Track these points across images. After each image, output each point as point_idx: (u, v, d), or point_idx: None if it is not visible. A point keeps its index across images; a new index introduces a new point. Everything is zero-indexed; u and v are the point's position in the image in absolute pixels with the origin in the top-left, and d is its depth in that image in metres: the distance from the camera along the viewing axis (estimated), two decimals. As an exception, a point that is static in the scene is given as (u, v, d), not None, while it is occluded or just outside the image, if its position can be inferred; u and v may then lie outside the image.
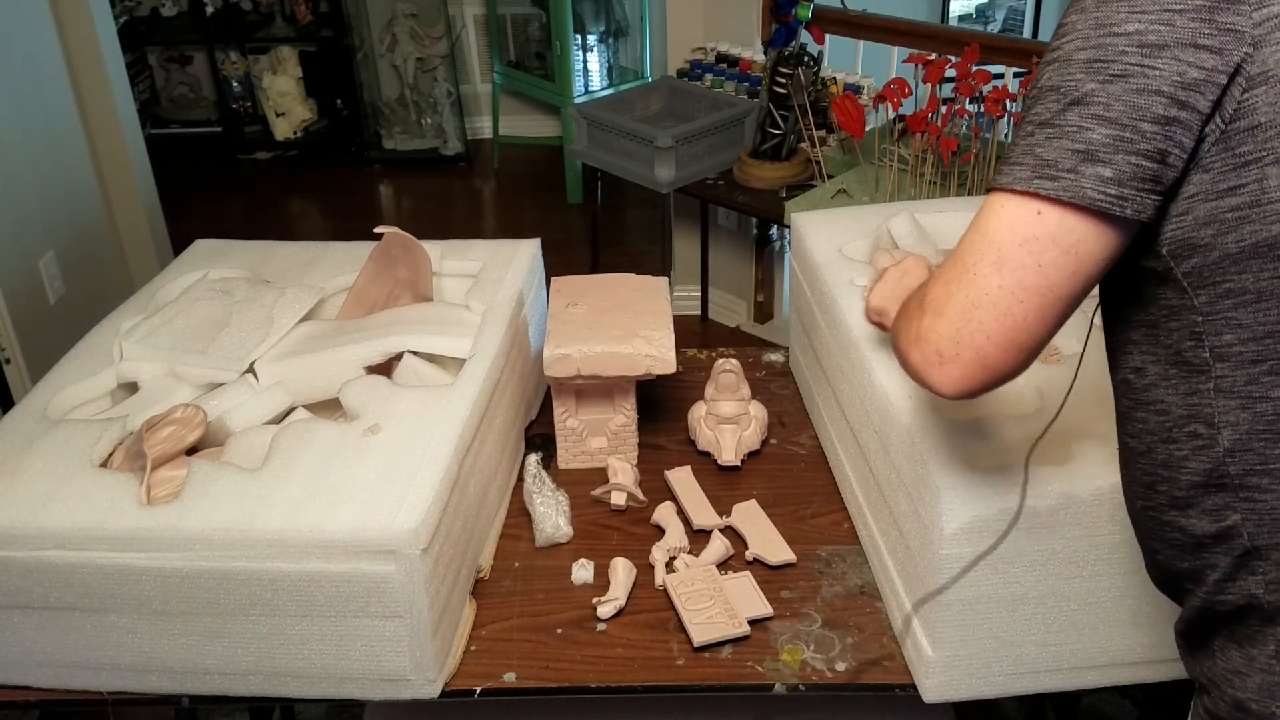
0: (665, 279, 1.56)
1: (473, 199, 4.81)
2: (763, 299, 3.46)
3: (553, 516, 1.34)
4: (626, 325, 1.42)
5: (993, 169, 2.22)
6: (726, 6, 3.14)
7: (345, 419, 1.22)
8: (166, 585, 1.08)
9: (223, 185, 4.90)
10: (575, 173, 4.45)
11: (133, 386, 1.34)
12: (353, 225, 2.31)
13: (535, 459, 1.43)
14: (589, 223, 3.79)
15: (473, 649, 1.19)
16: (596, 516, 1.39)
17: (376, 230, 1.44)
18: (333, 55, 4.92)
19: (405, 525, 1.04)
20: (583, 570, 1.28)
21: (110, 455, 1.20)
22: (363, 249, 1.54)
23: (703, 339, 3.49)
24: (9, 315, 2.57)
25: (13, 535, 1.07)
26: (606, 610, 1.22)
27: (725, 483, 1.45)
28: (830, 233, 1.54)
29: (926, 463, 1.06)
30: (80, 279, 2.92)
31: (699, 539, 1.33)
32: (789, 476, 1.46)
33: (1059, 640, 1.10)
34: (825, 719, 1.42)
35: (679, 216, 3.45)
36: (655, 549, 1.30)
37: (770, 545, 1.31)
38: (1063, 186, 0.71)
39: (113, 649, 1.12)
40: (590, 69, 4.50)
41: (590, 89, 4.47)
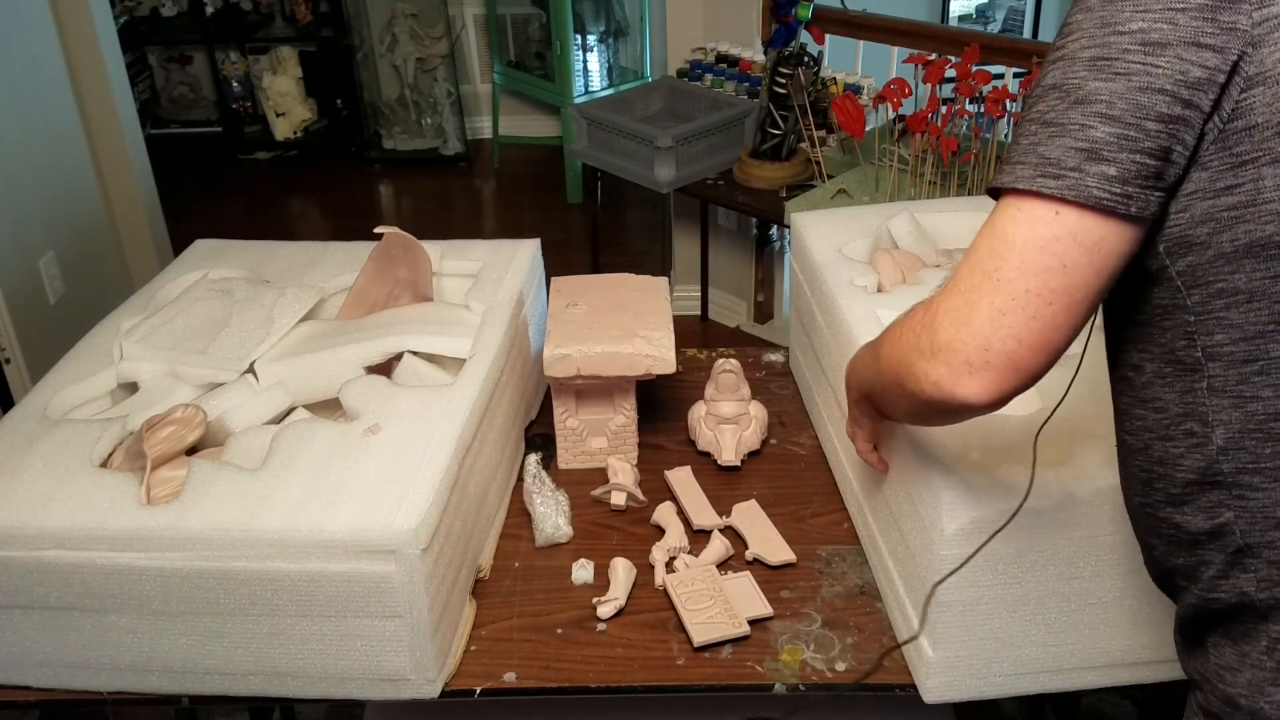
0: (665, 279, 1.56)
1: (473, 199, 4.81)
2: (763, 299, 3.46)
3: (553, 516, 1.34)
4: (626, 325, 1.42)
5: (993, 169, 2.22)
6: (726, 6, 3.14)
7: (345, 419, 1.22)
8: (166, 585, 1.08)
9: (223, 185, 4.91)
10: (575, 173, 4.45)
11: (133, 386, 1.34)
12: (353, 225, 2.32)
13: (535, 459, 1.43)
14: (589, 223, 3.79)
15: (473, 649, 1.19)
16: (596, 516, 1.39)
17: (376, 230, 1.44)
18: (333, 55, 4.92)
19: (405, 525, 1.04)
20: (583, 570, 1.28)
21: (110, 455, 1.20)
22: (363, 249, 1.54)
23: (703, 339, 3.49)
24: (9, 315, 2.57)
25: (13, 535, 1.07)
26: (606, 610, 1.22)
27: (725, 483, 1.45)
28: (830, 233, 1.54)
29: (926, 462, 1.06)
30: (80, 279, 2.93)
31: (699, 539, 1.33)
32: (789, 476, 1.46)
33: (1059, 640, 1.09)
34: (825, 719, 1.41)
35: (679, 216, 3.45)
36: (655, 549, 1.30)
37: (770, 545, 1.31)
38: (1067, 185, 0.71)
39: (113, 649, 1.12)
40: (590, 69, 4.50)
41: (590, 89, 4.47)
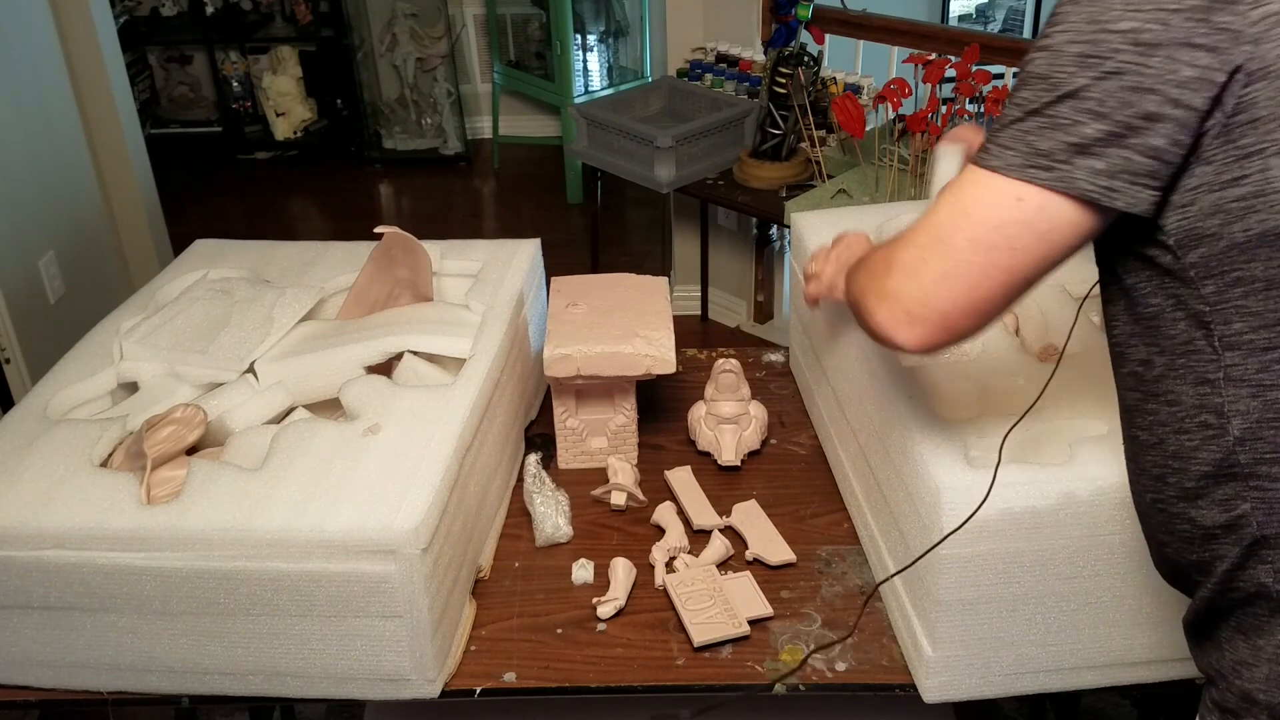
0: (665, 279, 1.56)
1: (473, 199, 4.81)
2: (763, 299, 3.46)
3: (553, 516, 1.34)
4: (626, 325, 1.42)
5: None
6: (726, 6, 3.14)
7: (345, 419, 1.22)
8: (166, 585, 1.08)
9: (223, 185, 4.91)
10: (575, 173, 4.45)
11: (133, 386, 1.34)
12: (353, 225, 2.32)
13: (535, 459, 1.43)
14: (589, 223, 3.79)
15: (473, 649, 1.19)
16: (596, 516, 1.39)
17: (376, 230, 1.44)
18: (333, 55, 4.92)
19: (405, 525, 1.04)
20: (583, 570, 1.28)
21: (110, 455, 1.20)
22: (363, 249, 1.54)
23: (703, 339, 3.49)
24: (9, 315, 2.57)
25: (13, 535, 1.07)
26: (606, 610, 1.22)
27: (725, 483, 1.45)
28: (830, 233, 1.53)
29: (926, 462, 1.06)
30: (80, 279, 2.92)
31: (699, 539, 1.33)
32: (789, 476, 1.46)
33: (1059, 640, 1.10)
34: (825, 719, 1.42)
35: (679, 216, 3.45)
36: (655, 549, 1.30)
37: (770, 545, 1.31)
38: (1057, 177, 0.74)
39: (113, 649, 1.12)
40: (590, 69, 4.50)
41: (590, 89, 4.47)
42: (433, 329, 1.37)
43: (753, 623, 1.19)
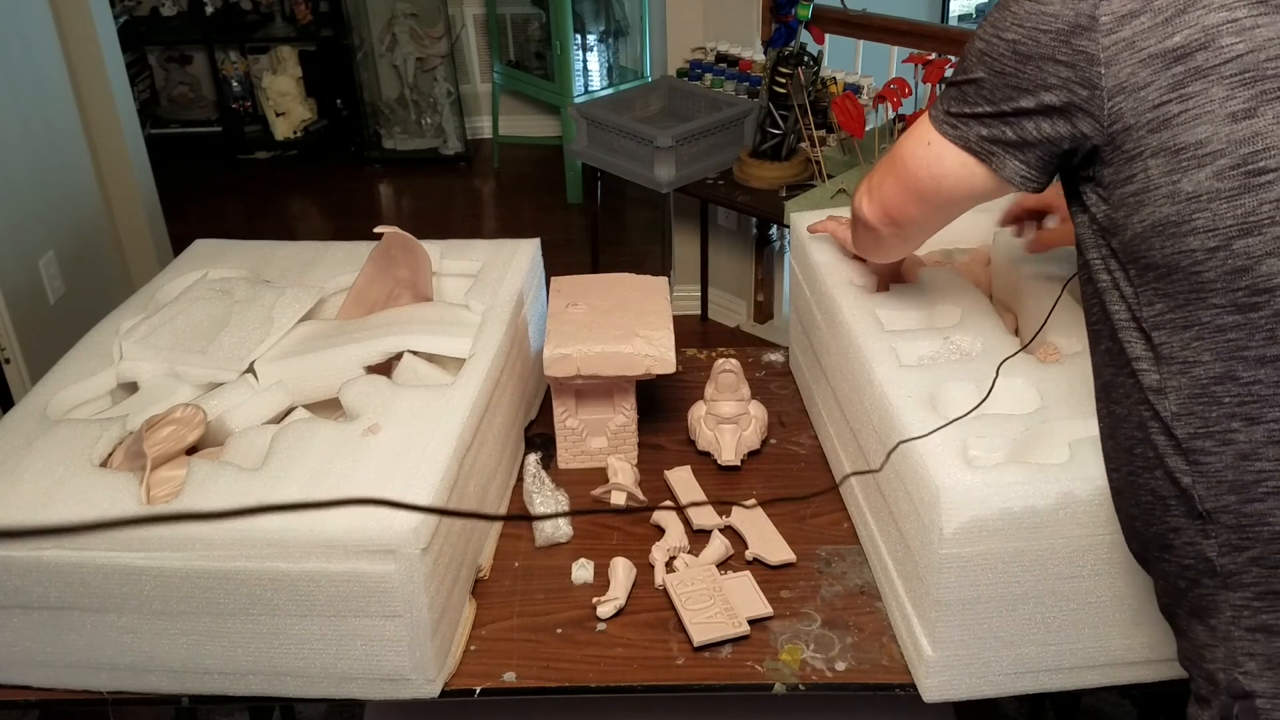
0: (665, 279, 1.56)
1: (473, 199, 4.81)
2: (763, 299, 3.46)
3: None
4: (626, 325, 1.42)
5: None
6: (726, 6, 3.14)
7: (345, 419, 1.22)
8: (166, 585, 1.08)
9: (223, 185, 4.91)
10: (575, 173, 4.45)
11: (133, 386, 1.34)
12: (353, 225, 2.32)
13: (535, 459, 1.43)
14: (589, 223, 3.79)
15: (473, 649, 1.19)
16: (596, 516, 1.39)
17: (376, 230, 1.44)
18: (333, 55, 4.92)
19: (405, 525, 1.04)
20: (582, 570, 1.28)
21: (110, 455, 1.20)
22: (363, 249, 1.54)
23: (703, 339, 3.49)
24: (9, 315, 2.57)
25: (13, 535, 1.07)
26: (606, 610, 1.22)
27: (725, 483, 1.45)
28: (830, 233, 1.54)
29: (925, 462, 1.06)
30: (80, 279, 2.93)
31: (699, 539, 1.33)
32: (789, 476, 1.46)
33: (1058, 640, 1.10)
34: (825, 719, 1.42)
35: (679, 216, 3.45)
36: (655, 549, 1.30)
37: (770, 545, 1.31)
38: (958, 135, 0.97)
39: (113, 649, 1.12)
40: (590, 69, 4.50)
41: (590, 89, 4.47)
42: (433, 329, 1.37)
43: (753, 622, 1.19)
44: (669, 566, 1.28)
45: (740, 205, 2.78)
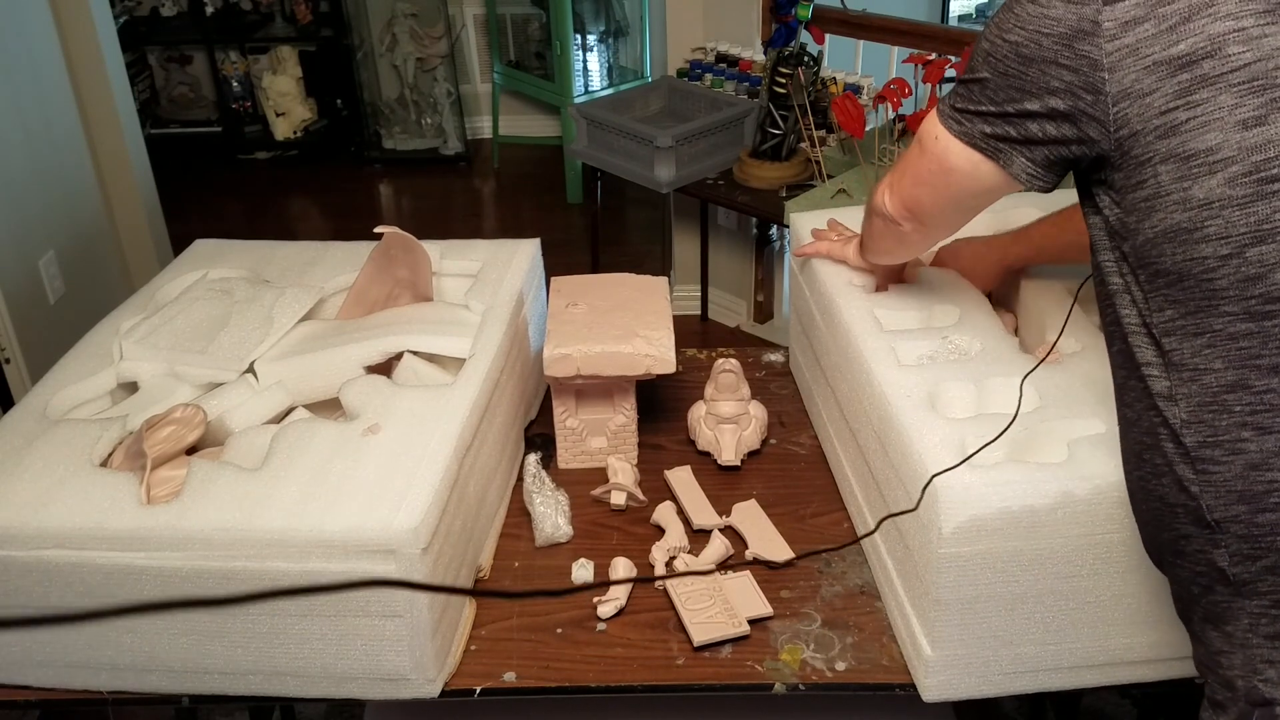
0: (665, 279, 1.56)
1: (473, 199, 4.81)
2: (763, 299, 3.46)
3: (552, 516, 1.34)
4: (626, 325, 1.42)
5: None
6: (726, 6, 3.14)
7: (345, 419, 1.22)
8: (166, 585, 1.08)
9: (223, 185, 4.91)
10: (575, 173, 4.45)
11: (133, 386, 1.34)
12: (353, 225, 2.32)
13: (535, 459, 1.43)
14: (589, 223, 3.79)
15: (473, 649, 1.19)
16: (596, 516, 1.39)
17: (376, 230, 1.44)
18: (333, 55, 4.92)
19: (405, 525, 1.04)
20: (583, 570, 1.28)
21: (110, 455, 1.20)
22: (363, 249, 1.54)
23: (703, 339, 3.49)
24: (9, 315, 2.57)
25: (13, 535, 1.07)
26: (607, 610, 1.22)
27: (725, 483, 1.45)
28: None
29: (924, 462, 1.06)
30: (80, 279, 2.93)
31: (699, 539, 1.33)
32: (789, 476, 1.46)
33: (1058, 639, 1.10)
34: (825, 719, 1.42)
35: (679, 216, 3.45)
36: (655, 549, 1.30)
37: (770, 545, 1.31)
38: (963, 131, 0.97)
39: (113, 649, 1.12)
40: (590, 69, 4.50)
41: (590, 89, 4.47)
42: (432, 329, 1.37)
43: (753, 622, 1.19)
44: (669, 566, 1.28)
45: (740, 205, 2.78)
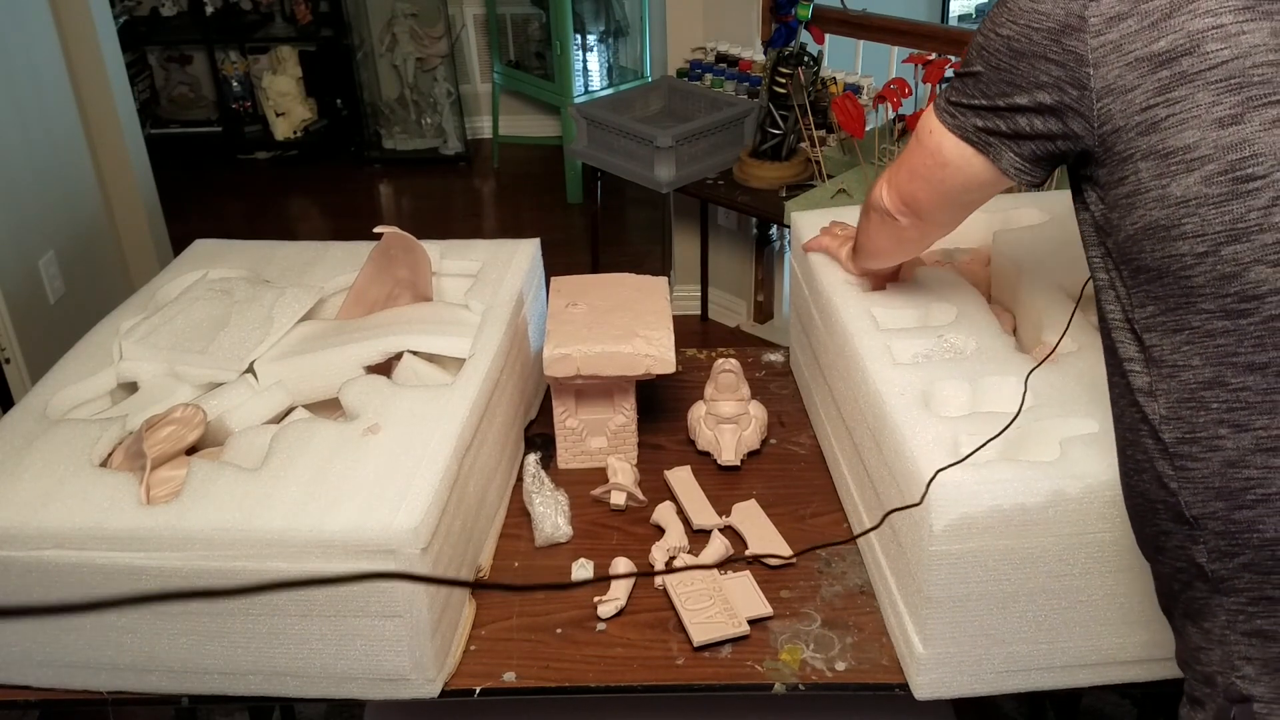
0: (665, 279, 1.56)
1: (473, 199, 4.81)
2: (763, 299, 3.46)
3: (552, 516, 1.34)
4: (626, 325, 1.42)
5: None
6: (726, 6, 3.14)
7: (345, 419, 1.23)
8: (166, 585, 1.08)
9: (223, 185, 4.91)
10: (575, 173, 4.45)
11: (132, 386, 1.34)
12: (353, 225, 2.32)
13: (535, 459, 1.43)
14: (589, 223, 3.79)
15: (472, 649, 1.19)
16: (596, 516, 1.39)
17: (376, 230, 1.44)
18: (333, 55, 4.92)
19: (405, 525, 1.04)
20: (582, 570, 1.28)
21: (110, 455, 1.20)
22: (363, 249, 1.54)
23: (703, 339, 3.49)
24: (9, 315, 2.57)
25: (13, 535, 1.07)
26: (607, 610, 1.22)
27: (725, 483, 1.45)
28: (830, 233, 1.54)
29: (917, 460, 1.06)
30: (80, 279, 2.93)
31: (699, 539, 1.33)
32: (789, 476, 1.46)
33: (1050, 638, 1.10)
34: (826, 719, 1.42)
35: (679, 216, 3.45)
36: (655, 549, 1.30)
37: (770, 545, 1.31)
38: (956, 125, 0.99)
39: (113, 649, 1.12)
40: (590, 69, 4.50)
41: (590, 89, 4.47)
42: (432, 329, 1.37)
43: (752, 622, 1.19)
44: (669, 567, 1.28)
45: (740, 205, 2.78)
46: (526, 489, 1.40)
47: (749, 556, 1.30)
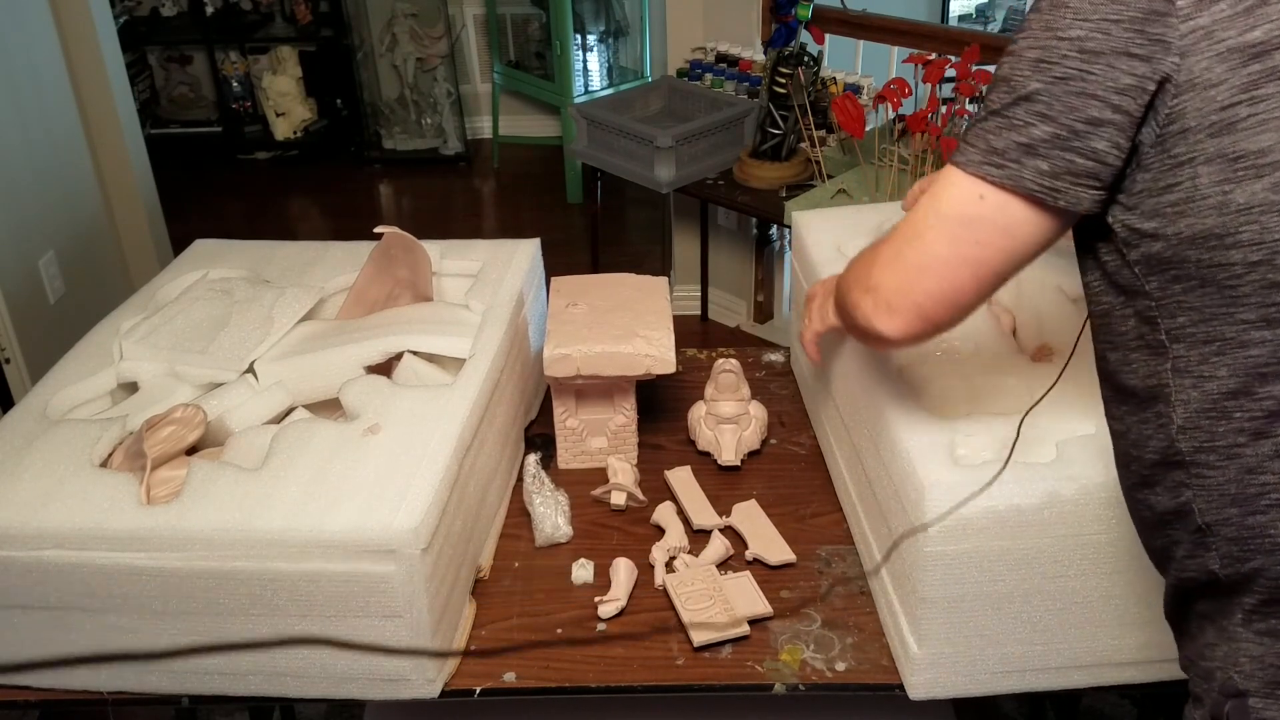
0: (665, 279, 1.56)
1: (473, 199, 4.81)
2: (763, 299, 3.46)
3: (552, 516, 1.34)
4: (626, 325, 1.42)
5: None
6: (726, 6, 3.14)
7: (345, 419, 1.23)
8: (166, 585, 1.08)
9: (223, 185, 4.91)
10: (575, 173, 4.45)
11: (133, 386, 1.34)
12: (353, 225, 2.31)
13: (535, 459, 1.43)
14: (589, 223, 3.79)
15: (473, 649, 1.19)
16: (596, 516, 1.39)
17: (376, 230, 1.44)
18: (333, 55, 4.92)
19: (405, 525, 1.04)
20: (583, 570, 1.28)
21: (110, 455, 1.20)
22: (363, 249, 1.54)
23: (703, 339, 3.49)
24: (9, 315, 2.57)
25: (13, 535, 1.07)
26: (608, 610, 1.22)
27: (725, 483, 1.45)
28: (830, 232, 1.54)
29: (912, 460, 1.06)
30: (80, 279, 2.93)
31: (699, 539, 1.33)
32: (789, 476, 1.46)
33: (1045, 639, 1.10)
34: (826, 719, 1.42)
35: (679, 216, 3.45)
36: (655, 549, 1.30)
37: (770, 545, 1.31)
38: (1007, 175, 0.80)
39: (113, 649, 1.12)
40: (590, 69, 4.50)
41: (590, 89, 4.47)
42: (432, 329, 1.37)
43: (753, 623, 1.19)
44: (669, 566, 1.28)
45: (740, 205, 2.78)
46: (527, 489, 1.40)
47: (750, 558, 1.30)
